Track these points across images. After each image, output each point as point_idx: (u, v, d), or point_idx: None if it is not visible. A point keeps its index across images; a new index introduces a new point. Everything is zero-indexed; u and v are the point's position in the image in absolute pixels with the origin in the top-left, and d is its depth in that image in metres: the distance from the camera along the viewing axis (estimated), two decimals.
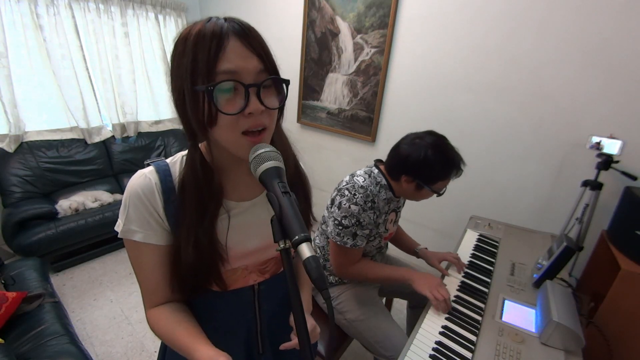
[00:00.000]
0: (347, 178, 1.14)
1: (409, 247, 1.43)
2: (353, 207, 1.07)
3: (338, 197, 1.11)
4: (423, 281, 1.08)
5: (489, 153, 1.86)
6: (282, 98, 0.54)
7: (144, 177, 0.56)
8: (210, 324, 0.60)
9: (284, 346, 0.64)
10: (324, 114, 2.54)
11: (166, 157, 0.62)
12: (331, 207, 1.15)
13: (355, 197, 1.07)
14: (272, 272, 0.71)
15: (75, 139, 2.61)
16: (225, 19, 0.49)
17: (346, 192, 1.09)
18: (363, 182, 1.10)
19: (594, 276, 1.51)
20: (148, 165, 0.59)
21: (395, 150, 1.12)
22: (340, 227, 1.09)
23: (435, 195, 1.11)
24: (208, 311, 0.66)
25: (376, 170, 1.16)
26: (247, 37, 0.48)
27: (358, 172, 1.15)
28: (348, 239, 1.10)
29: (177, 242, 0.57)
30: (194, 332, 0.57)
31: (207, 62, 0.46)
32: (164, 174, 0.58)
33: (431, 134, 1.09)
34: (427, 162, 1.03)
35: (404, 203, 1.35)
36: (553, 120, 1.62)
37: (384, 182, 1.14)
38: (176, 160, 0.60)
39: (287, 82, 0.53)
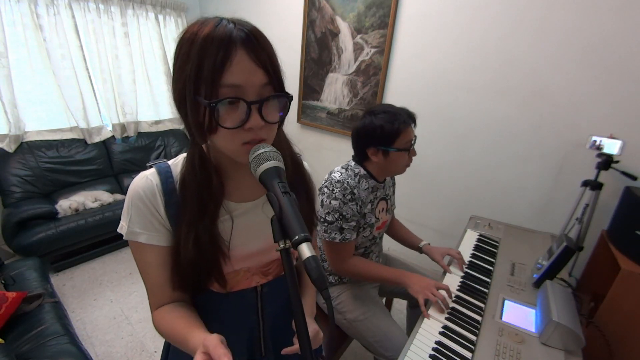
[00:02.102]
0: (326, 176, 1.17)
1: (412, 243, 1.43)
2: (333, 202, 1.09)
3: (320, 196, 1.14)
4: (417, 285, 1.07)
5: (489, 153, 1.86)
6: (284, 111, 0.54)
7: (146, 179, 0.57)
8: (213, 326, 0.60)
9: (286, 351, 0.64)
10: (324, 114, 2.54)
11: (166, 157, 0.62)
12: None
13: (334, 192, 1.09)
14: (275, 274, 0.71)
15: (75, 139, 2.61)
16: (235, 24, 0.48)
17: (325, 190, 1.12)
18: (339, 176, 1.12)
19: (594, 276, 1.51)
20: (150, 167, 0.59)
21: (352, 134, 1.19)
22: (326, 224, 1.11)
23: (407, 156, 1.14)
24: (211, 312, 0.66)
25: (353, 163, 1.19)
26: (254, 48, 0.47)
27: (335, 169, 1.18)
28: (336, 234, 1.11)
29: (177, 239, 0.57)
30: (192, 322, 0.57)
31: (212, 73, 0.46)
32: (165, 175, 0.58)
33: (377, 105, 1.16)
34: (375, 125, 1.09)
35: (393, 191, 1.36)
36: (553, 120, 1.62)
37: (362, 172, 1.17)
38: (178, 162, 0.60)
39: (291, 97, 0.53)
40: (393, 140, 1.09)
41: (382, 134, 1.08)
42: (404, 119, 1.09)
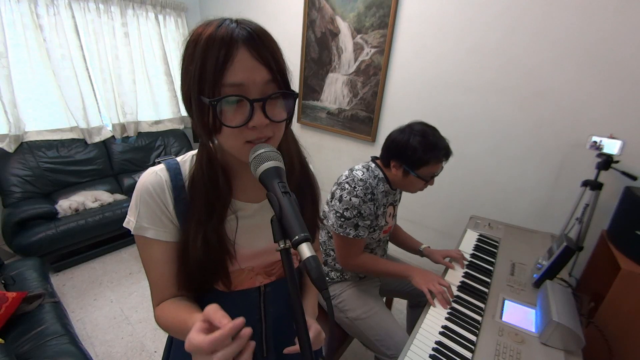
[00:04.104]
0: (347, 172, 1.18)
1: (412, 247, 1.45)
2: (354, 199, 1.10)
3: (338, 191, 1.14)
4: (421, 277, 1.11)
5: (489, 153, 1.86)
6: (290, 109, 0.53)
7: (155, 175, 0.57)
8: None
9: (288, 350, 0.64)
10: (324, 114, 2.54)
11: (169, 157, 0.62)
12: (331, 201, 1.18)
13: (356, 189, 1.11)
14: (278, 274, 0.71)
15: (75, 139, 2.61)
16: (238, 23, 0.48)
17: (346, 186, 1.13)
18: (362, 175, 1.14)
19: (594, 276, 1.51)
20: (159, 162, 0.59)
21: (387, 138, 1.18)
22: (342, 219, 1.12)
23: (424, 184, 1.15)
24: None
25: (373, 165, 1.21)
26: (257, 46, 0.47)
27: (356, 167, 1.19)
28: (350, 229, 1.13)
29: (185, 238, 0.57)
30: (194, 309, 0.57)
31: (214, 73, 0.46)
32: (174, 172, 0.58)
33: (422, 123, 1.14)
34: (410, 145, 1.08)
35: (400, 198, 1.38)
36: (553, 120, 1.62)
37: (381, 175, 1.19)
38: (186, 159, 0.61)
39: (296, 95, 0.52)
40: (418, 167, 1.09)
41: (412, 157, 1.08)
42: (440, 154, 1.09)
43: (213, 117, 0.48)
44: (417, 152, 1.07)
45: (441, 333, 0.94)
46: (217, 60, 0.46)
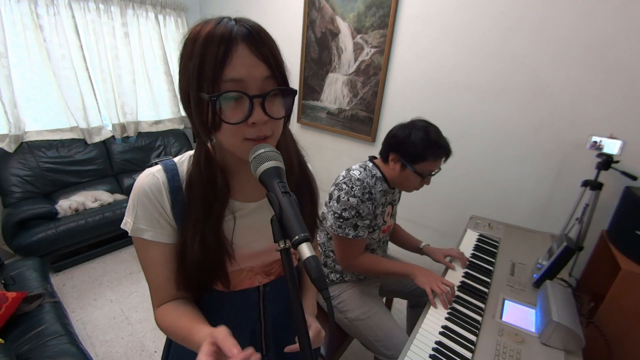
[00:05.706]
0: (344, 173, 1.18)
1: (412, 245, 1.44)
2: (352, 199, 1.10)
3: (336, 192, 1.14)
4: (424, 276, 1.11)
5: (489, 153, 1.86)
6: (288, 107, 0.53)
7: (152, 176, 0.57)
8: (215, 324, 0.61)
9: (289, 349, 0.64)
10: (324, 114, 2.54)
11: (166, 157, 0.62)
12: (330, 202, 1.18)
13: (353, 189, 1.11)
14: (277, 273, 0.71)
15: (75, 139, 2.61)
16: (237, 21, 0.48)
17: (344, 186, 1.12)
18: (359, 175, 1.14)
19: (594, 276, 1.51)
20: (156, 164, 0.59)
21: (388, 133, 1.18)
22: (341, 220, 1.12)
23: (420, 181, 1.14)
24: (213, 311, 0.66)
25: (371, 164, 1.20)
26: (256, 42, 0.47)
27: (354, 167, 1.19)
28: (350, 230, 1.12)
29: (183, 239, 0.57)
30: (196, 318, 0.57)
31: (214, 69, 0.46)
32: (171, 173, 0.58)
33: (424, 121, 1.15)
34: (409, 139, 1.09)
35: (399, 198, 1.38)
36: (553, 120, 1.62)
37: (378, 174, 1.18)
38: (184, 160, 0.60)
39: (294, 92, 0.52)
40: (416, 161, 1.10)
41: (411, 150, 1.09)
42: (439, 151, 1.09)
43: (212, 114, 0.48)
44: (417, 147, 1.08)
45: (441, 333, 0.94)
46: (217, 57, 0.46)
